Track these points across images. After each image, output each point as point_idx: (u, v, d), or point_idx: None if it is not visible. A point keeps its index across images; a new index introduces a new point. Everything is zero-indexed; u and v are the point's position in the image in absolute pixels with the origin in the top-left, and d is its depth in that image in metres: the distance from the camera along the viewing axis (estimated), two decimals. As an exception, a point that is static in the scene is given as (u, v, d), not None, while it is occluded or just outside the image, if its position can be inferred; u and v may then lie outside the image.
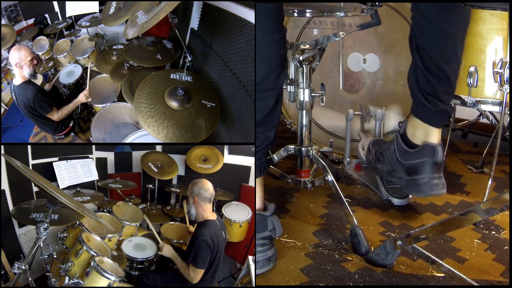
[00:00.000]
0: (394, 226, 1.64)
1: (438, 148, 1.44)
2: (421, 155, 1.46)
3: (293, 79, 1.60)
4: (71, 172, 1.99)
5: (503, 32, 1.63)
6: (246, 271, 1.51)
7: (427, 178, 1.45)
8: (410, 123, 1.53)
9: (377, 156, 1.73)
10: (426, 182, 1.46)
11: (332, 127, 2.20)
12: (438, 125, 1.48)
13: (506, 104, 1.65)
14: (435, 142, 1.47)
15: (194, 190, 1.56)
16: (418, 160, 1.47)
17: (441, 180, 1.47)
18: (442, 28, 1.38)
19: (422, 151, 1.46)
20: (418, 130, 1.49)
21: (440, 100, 1.45)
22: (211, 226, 1.52)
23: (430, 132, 1.48)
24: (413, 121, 1.51)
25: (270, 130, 1.37)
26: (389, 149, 1.61)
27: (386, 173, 1.66)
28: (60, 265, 1.39)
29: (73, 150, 2.08)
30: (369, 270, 1.31)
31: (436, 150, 1.44)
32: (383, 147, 1.71)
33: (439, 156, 1.43)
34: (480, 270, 1.35)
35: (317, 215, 1.72)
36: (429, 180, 1.46)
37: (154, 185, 2.38)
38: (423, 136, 1.49)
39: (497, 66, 1.64)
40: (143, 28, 1.49)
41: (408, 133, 1.54)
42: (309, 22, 2.19)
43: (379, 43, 2.16)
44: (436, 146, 1.44)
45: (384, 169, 1.66)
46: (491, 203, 1.05)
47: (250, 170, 2.37)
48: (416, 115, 1.49)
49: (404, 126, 1.56)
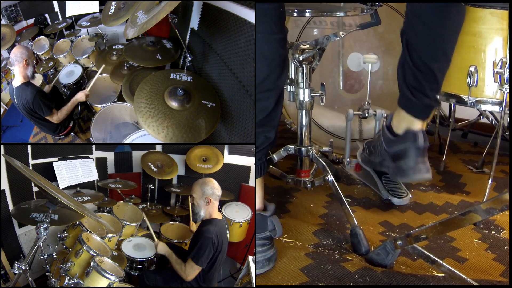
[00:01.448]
0: (394, 226, 1.64)
1: (419, 134, 1.45)
2: (403, 141, 1.47)
3: (293, 79, 1.60)
4: (71, 172, 1.99)
5: (503, 32, 1.63)
6: (246, 271, 1.51)
7: (410, 162, 1.46)
8: (396, 115, 1.54)
9: (369, 150, 1.74)
10: (410, 167, 1.47)
11: (332, 127, 2.20)
12: (422, 118, 1.48)
13: (506, 104, 1.65)
14: (417, 128, 1.47)
15: (207, 190, 1.53)
16: (401, 147, 1.48)
17: (425, 164, 1.48)
18: (435, 29, 1.38)
19: (404, 138, 1.47)
20: (403, 122, 1.50)
21: (425, 95, 1.45)
22: (217, 225, 1.51)
23: (413, 123, 1.48)
24: (398, 113, 1.52)
25: (270, 131, 1.37)
26: (378, 140, 1.63)
27: (378, 165, 1.67)
28: (60, 265, 1.39)
29: (73, 150, 2.08)
30: (369, 270, 1.31)
31: (418, 135, 1.45)
32: (374, 141, 1.72)
33: (420, 141, 1.45)
34: (480, 270, 1.35)
35: (317, 215, 1.72)
36: (413, 165, 1.47)
37: (154, 185, 2.38)
38: (406, 126, 1.49)
39: (497, 66, 1.64)
40: (143, 28, 1.49)
41: (393, 124, 1.55)
42: (309, 22, 2.19)
43: (379, 43, 2.16)
44: (417, 132, 1.45)
45: (376, 161, 1.67)
46: (491, 203, 1.05)
47: (250, 170, 2.37)
48: (402, 106, 1.50)
49: (390, 118, 1.57)
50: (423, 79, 1.43)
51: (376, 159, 1.67)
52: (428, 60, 1.40)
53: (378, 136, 1.64)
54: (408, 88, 1.46)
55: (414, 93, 1.45)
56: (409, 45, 1.42)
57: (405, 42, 1.45)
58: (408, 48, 1.43)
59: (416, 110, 1.47)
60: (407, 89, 1.46)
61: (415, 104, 1.46)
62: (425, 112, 1.49)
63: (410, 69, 1.44)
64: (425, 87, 1.44)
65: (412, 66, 1.43)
